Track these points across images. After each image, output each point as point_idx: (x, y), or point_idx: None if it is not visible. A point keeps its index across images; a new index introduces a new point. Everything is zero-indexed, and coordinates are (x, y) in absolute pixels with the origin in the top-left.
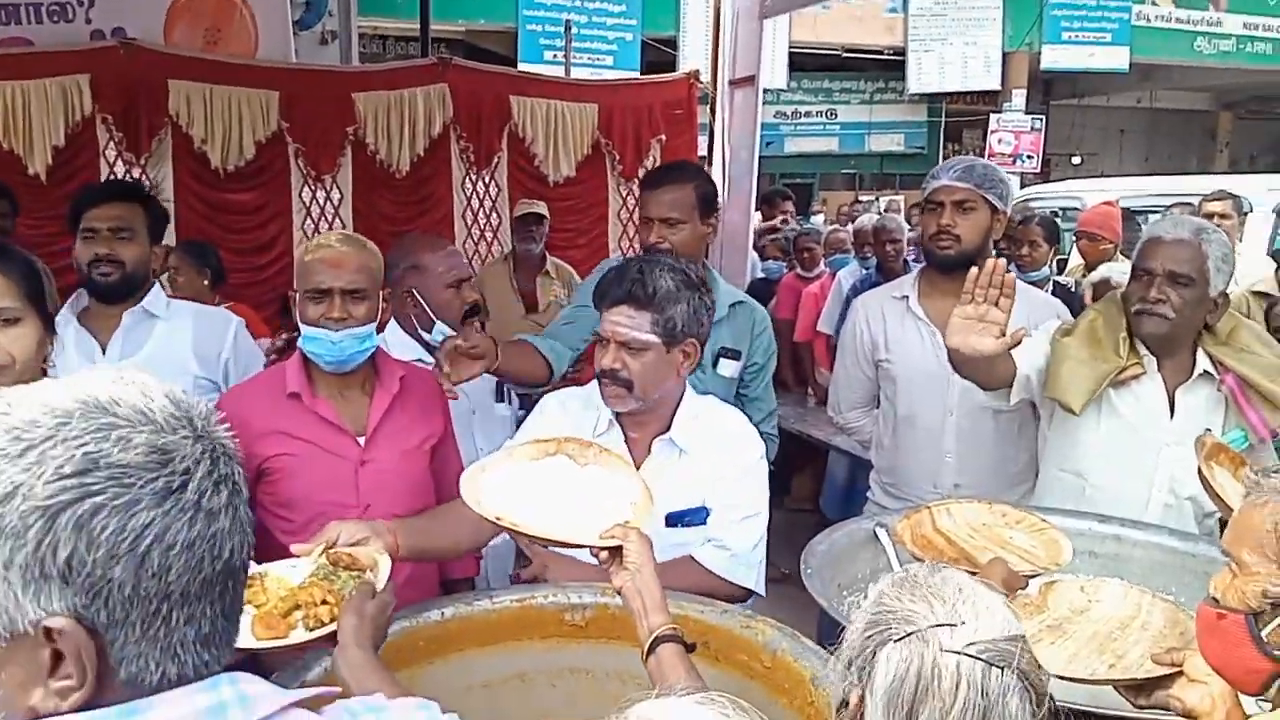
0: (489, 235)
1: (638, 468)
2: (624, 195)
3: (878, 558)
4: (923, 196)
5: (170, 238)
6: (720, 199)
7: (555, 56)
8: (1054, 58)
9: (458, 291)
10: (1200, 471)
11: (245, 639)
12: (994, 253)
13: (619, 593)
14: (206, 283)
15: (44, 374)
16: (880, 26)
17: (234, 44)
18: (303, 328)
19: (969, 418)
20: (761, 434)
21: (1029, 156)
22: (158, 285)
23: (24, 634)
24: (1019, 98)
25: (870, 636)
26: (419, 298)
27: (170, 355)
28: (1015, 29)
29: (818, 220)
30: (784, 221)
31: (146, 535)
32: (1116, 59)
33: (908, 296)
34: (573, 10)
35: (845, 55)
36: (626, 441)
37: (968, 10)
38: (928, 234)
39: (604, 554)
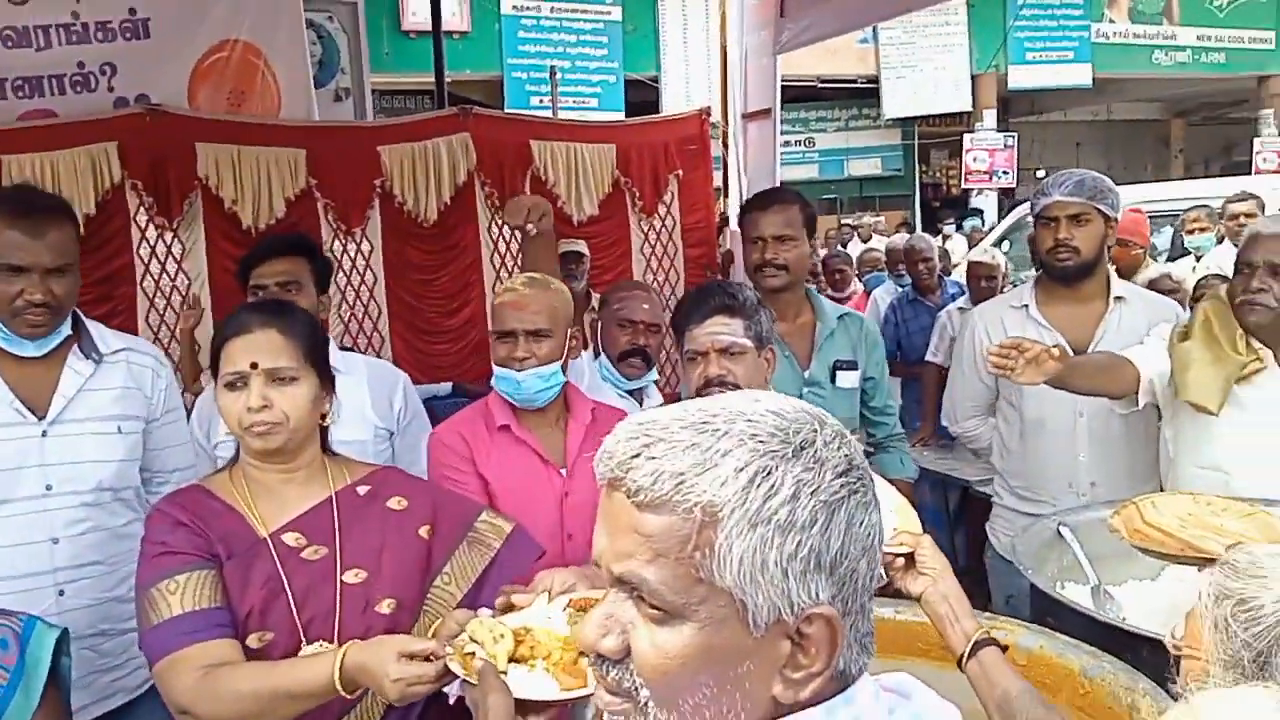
0: None
1: None
2: (645, 231)
3: (1063, 556)
4: (1033, 212)
5: (206, 298)
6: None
7: (541, 101)
8: (1020, 78)
9: (625, 330)
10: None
11: (552, 690)
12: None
13: (918, 599)
14: None
15: (321, 431)
16: (853, 57)
17: (258, 105)
18: (495, 368)
19: (1099, 418)
20: (892, 449)
21: (1004, 172)
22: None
23: (780, 623)
24: (990, 117)
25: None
26: (586, 333)
27: (352, 406)
28: (982, 52)
29: None
30: None
31: (874, 530)
32: (1080, 75)
33: (1027, 305)
34: (556, 56)
35: (821, 85)
36: None
37: (935, 37)
38: (1044, 248)
39: (897, 561)
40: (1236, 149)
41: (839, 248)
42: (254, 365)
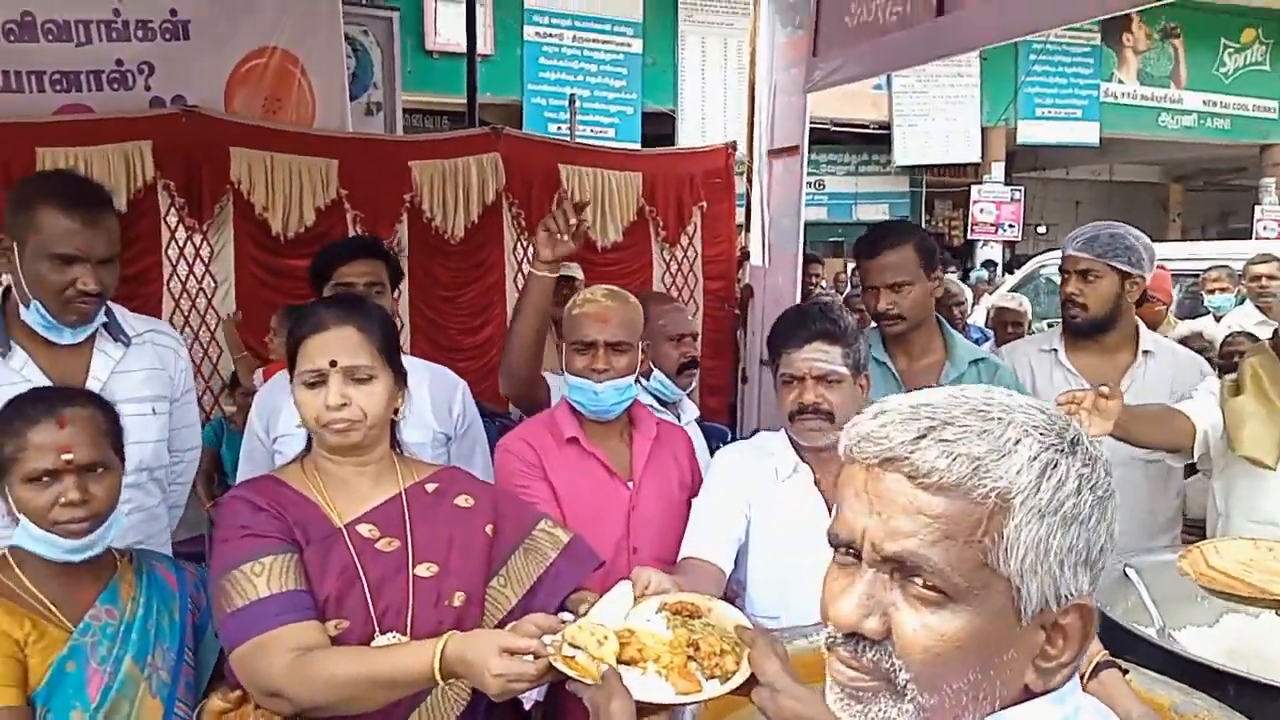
0: None
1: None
2: (666, 260)
3: (1127, 598)
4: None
5: (230, 303)
6: (763, 263)
7: (560, 128)
8: (1029, 133)
9: (677, 344)
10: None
11: (668, 694)
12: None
13: None
14: None
15: (394, 426)
16: (866, 102)
17: (293, 113)
18: (569, 378)
19: (1122, 467)
20: None
21: (1010, 225)
22: None
23: (1043, 613)
24: (998, 170)
25: None
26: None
27: (412, 409)
28: (993, 106)
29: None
30: (815, 284)
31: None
32: (1087, 134)
33: (1056, 350)
34: (575, 84)
35: (834, 129)
36: (817, 483)
37: (948, 88)
38: (1062, 299)
39: None
40: (1233, 216)
41: (850, 289)
42: (333, 363)
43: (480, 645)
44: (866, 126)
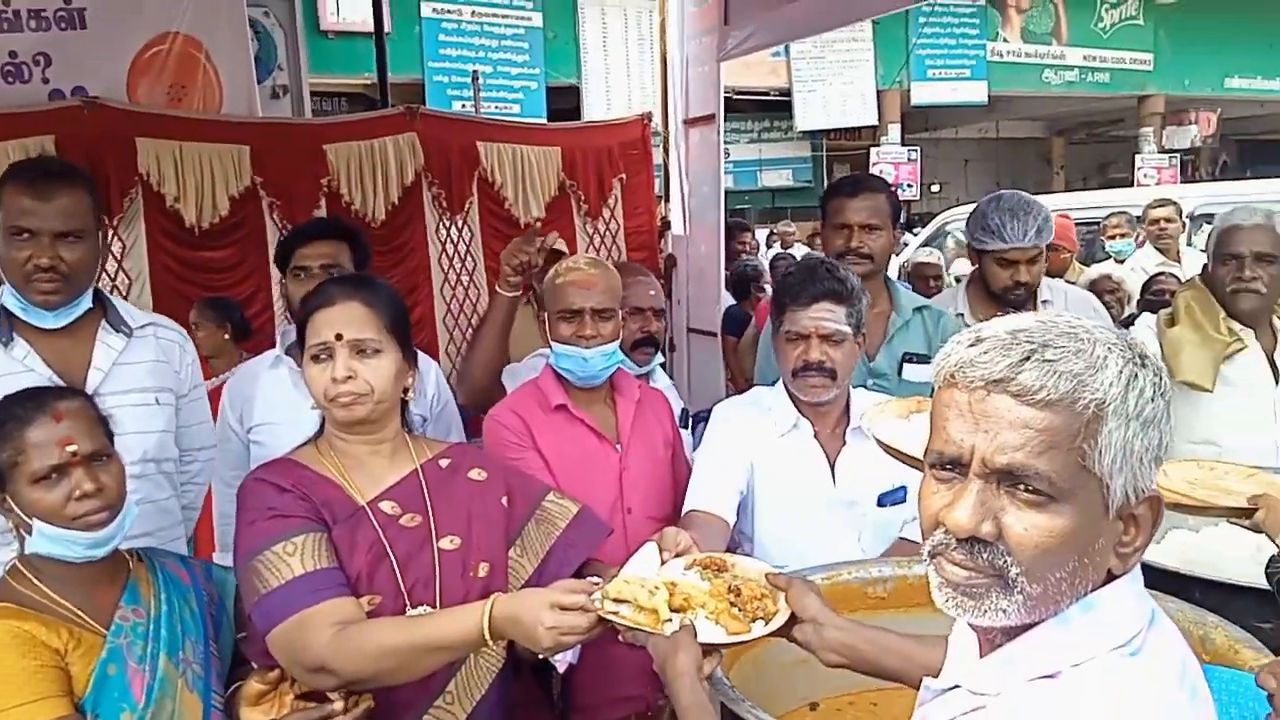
0: (465, 279)
1: (834, 459)
2: (589, 234)
3: None
4: (978, 245)
5: (146, 298)
6: (685, 231)
7: (464, 106)
8: (922, 94)
9: (637, 317)
10: None
11: (719, 634)
12: None
13: None
14: (228, 337)
15: (403, 404)
16: (766, 70)
17: (199, 100)
18: (555, 346)
19: None
20: None
21: (909, 185)
22: None
23: (1124, 505)
24: (895, 132)
25: None
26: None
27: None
28: (887, 68)
29: None
30: (744, 251)
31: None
32: (976, 93)
33: (962, 314)
34: (478, 60)
35: (735, 97)
36: (816, 437)
37: (843, 53)
38: (1000, 285)
39: None
40: (1112, 166)
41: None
42: (339, 336)
43: (532, 603)
44: (767, 94)
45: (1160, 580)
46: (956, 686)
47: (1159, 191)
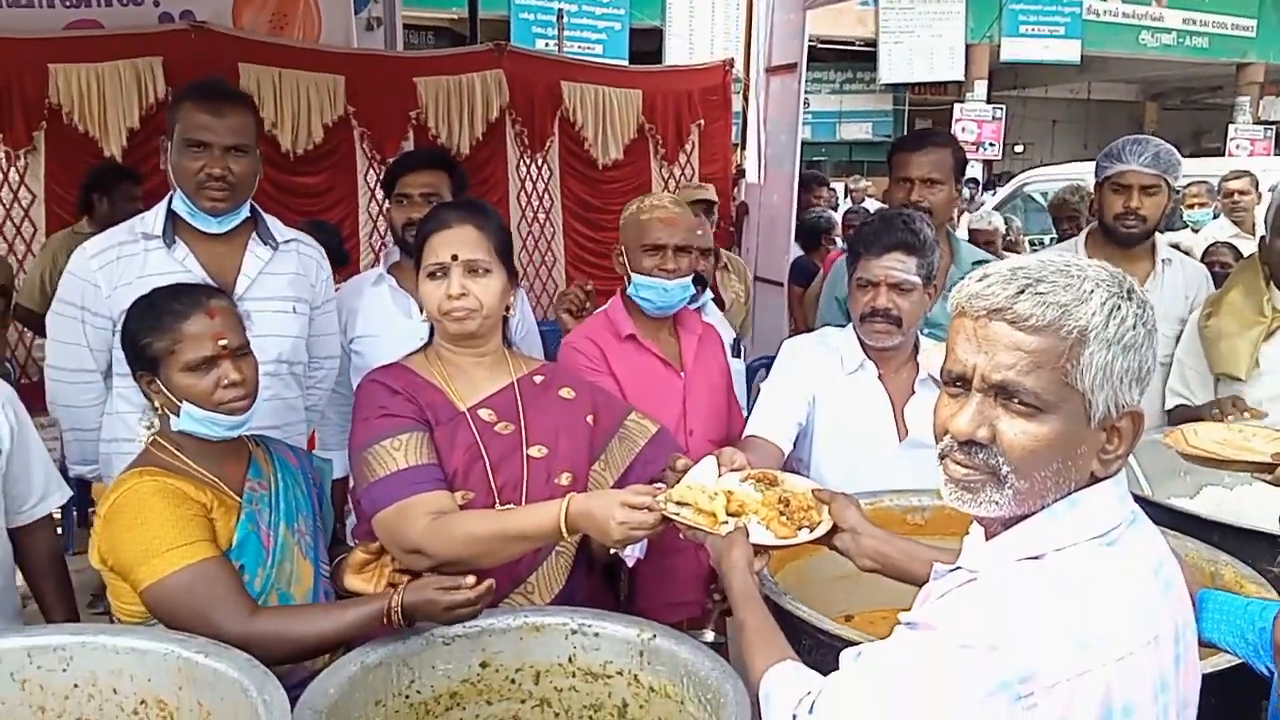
0: (542, 217)
1: (902, 406)
2: (665, 178)
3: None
4: (1099, 176)
5: None
6: (759, 180)
7: (547, 44)
8: (1013, 50)
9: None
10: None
11: (768, 537)
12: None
13: None
14: None
15: (505, 322)
16: (853, 19)
17: (299, 29)
18: (636, 277)
19: None
20: None
21: (991, 144)
22: None
23: (1107, 418)
24: (980, 88)
25: None
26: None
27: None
28: (977, 22)
29: None
30: (817, 205)
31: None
32: (1069, 51)
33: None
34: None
35: (818, 46)
36: (881, 379)
37: (933, 4)
38: (1112, 213)
39: None
40: (1206, 135)
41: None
42: (454, 257)
43: (604, 501)
44: (852, 44)
45: (1185, 524)
46: (959, 568)
47: (1241, 163)
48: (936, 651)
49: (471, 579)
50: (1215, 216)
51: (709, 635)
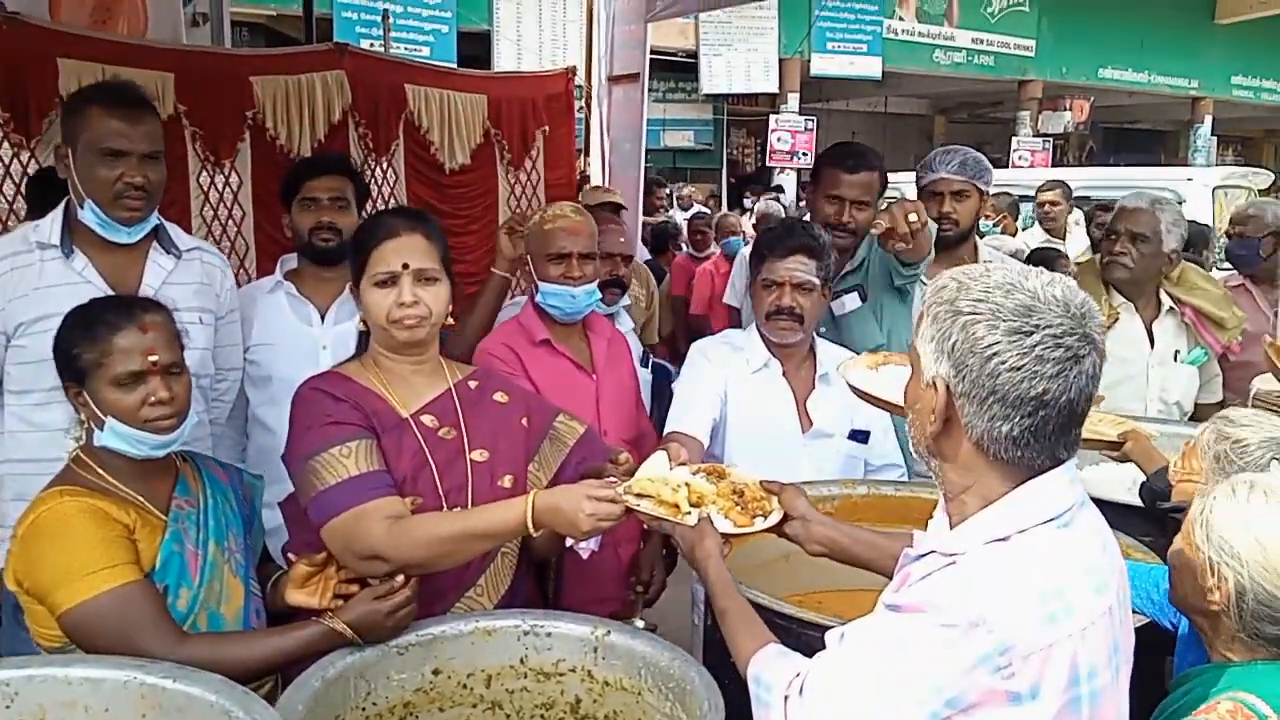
0: None
1: (804, 399)
2: (511, 183)
3: None
4: (919, 184)
5: None
6: (605, 186)
7: (372, 45)
8: (821, 65)
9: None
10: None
11: (729, 526)
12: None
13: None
14: None
15: (447, 329)
16: (674, 30)
17: (124, 23)
18: (543, 285)
19: None
20: None
21: (804, 154)
22: None
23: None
24: (794, 100)
25: None
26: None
27: None
28: (789, 38)
29: None
30: (659, 208)
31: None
32: (871, 68)
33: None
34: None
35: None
36: (785, 375)
37: (750, 19)
38: (933, 218)
39: None
40: (989, 146)
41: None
42: (405, 266)
43: (570, 495)
44: (675, 54)
45: None
46: (932, 552)
47: (1031, 174)
48: (921, 630)
49: (400, 578)
50: (1030, 225)
51: (639, 624)
